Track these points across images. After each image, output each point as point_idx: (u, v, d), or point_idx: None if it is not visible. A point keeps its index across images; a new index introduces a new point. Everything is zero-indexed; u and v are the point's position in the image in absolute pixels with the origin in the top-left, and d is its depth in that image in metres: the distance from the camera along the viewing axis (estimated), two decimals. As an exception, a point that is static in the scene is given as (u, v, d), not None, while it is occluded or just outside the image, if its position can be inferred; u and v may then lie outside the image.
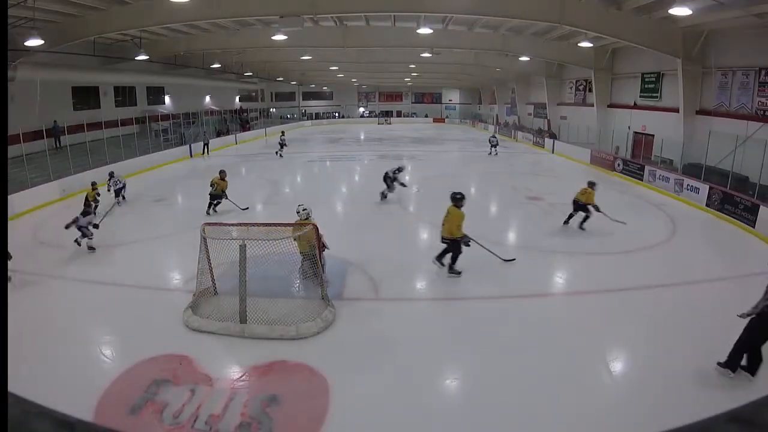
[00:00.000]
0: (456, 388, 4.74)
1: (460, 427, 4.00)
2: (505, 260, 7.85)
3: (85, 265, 7.93)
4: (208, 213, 10.93)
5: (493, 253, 7.71)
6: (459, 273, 7.18)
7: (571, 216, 9.94)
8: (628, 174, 16.27)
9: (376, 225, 10.23)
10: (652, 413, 4.05)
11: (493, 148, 22.09)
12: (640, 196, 13.73)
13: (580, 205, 9.69)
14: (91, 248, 8.48)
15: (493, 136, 23.88)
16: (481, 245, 7.53)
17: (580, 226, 9.75)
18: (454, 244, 7.12)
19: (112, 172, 12.93)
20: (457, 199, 7.08)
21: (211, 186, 11.31)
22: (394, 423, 4.06)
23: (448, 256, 7.25)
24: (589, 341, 5.42)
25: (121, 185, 12.65)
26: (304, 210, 6.88)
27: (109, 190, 12.46)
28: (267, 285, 5.98)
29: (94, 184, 11.31)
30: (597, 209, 9.52)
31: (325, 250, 6.71)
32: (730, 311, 6.27)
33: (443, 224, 7.17)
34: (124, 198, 12.75)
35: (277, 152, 22.12)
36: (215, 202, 11.21)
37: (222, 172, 11.61)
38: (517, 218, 11.35)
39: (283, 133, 24.03)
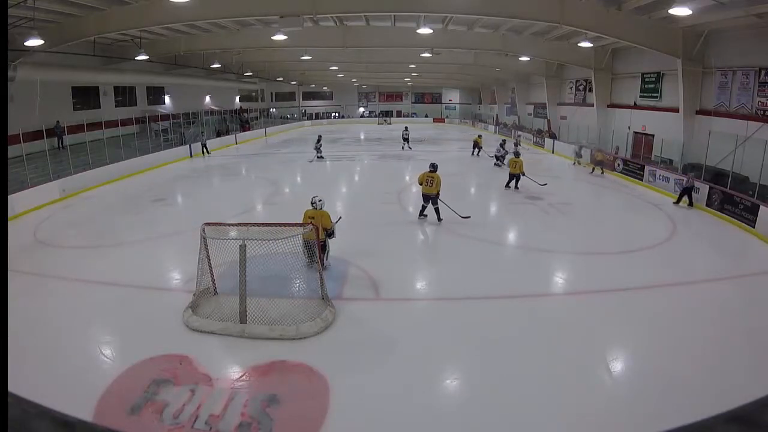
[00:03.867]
0: (456, 388, 4.74)
1: (460, 427, 4.00)
2: (463, 217, 10.06)
3: (84, 265, 7.93)
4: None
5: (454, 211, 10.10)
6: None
7: (509, 182, 13.67)
8: (628, 174, 16.27)
9: (376, 225, 10.23)
10: (652, 413, 4.05)
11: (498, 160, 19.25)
12: (639, 196, 13.73)
13: (515, 175, 13.49)
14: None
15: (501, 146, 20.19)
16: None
17: (516, 187, 13.56)
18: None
19: (320, 137, 20.77)
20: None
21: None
22: (394, 423, 4.06)
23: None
24: (589, 341, 5.42)
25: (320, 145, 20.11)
26: (320, 201, 7.22)
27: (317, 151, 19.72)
28: (267, 285, 5.98)
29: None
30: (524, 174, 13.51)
31: (332, 238, 7.27)
32: (730, 311, 6.32)
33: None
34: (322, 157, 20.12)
35: (402, 147, 23.90)
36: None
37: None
38: (516, 218, 11.35)
39: (406, 128, 25.71)
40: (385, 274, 7.26)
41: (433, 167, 10.02)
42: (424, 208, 10.25)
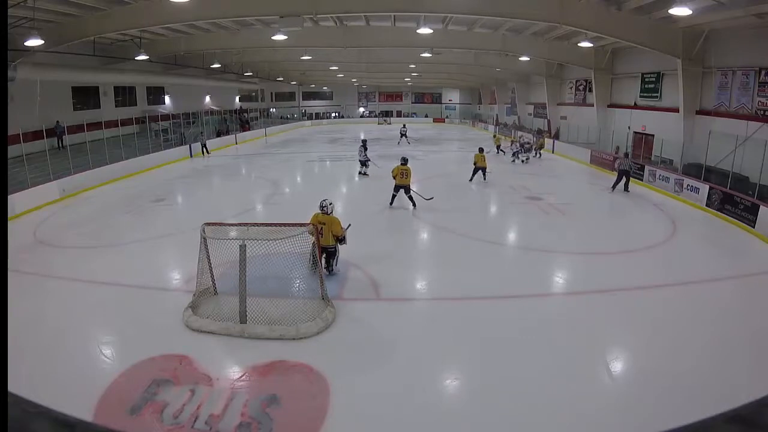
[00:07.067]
0: (456, 388, 4.74)
1: (460, 427, 3.99)
2: (426, 199, 11.23)
3: (84, 264, 7.93)
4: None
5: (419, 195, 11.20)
6: None
7: (474, 175, 14.63)
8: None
9: (376, 225, 10.24)
10: (652, 413, 4.05)
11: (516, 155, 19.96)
12: (640, 196, 13.72)
13: (479, 168, 14.51)
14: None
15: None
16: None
17: (484, 179, 14.64)
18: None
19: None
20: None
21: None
22: (394, 423, 4.06)
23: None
24: (589, 341, 5.42)
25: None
26: (330, 204, 7.00)
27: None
28: (267, 285, 5.98)
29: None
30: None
31: (343, 244, 7.12)
32: (730, 311, 6.32)
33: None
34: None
35: (398, 142, 25.27)
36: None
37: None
38: (516, 218, 11.35)
39: (404, 126, 27.57)
40: (385, 274, 7.26)
41: (404, 161, 11.40)
42: (394, 197, 11.43)
